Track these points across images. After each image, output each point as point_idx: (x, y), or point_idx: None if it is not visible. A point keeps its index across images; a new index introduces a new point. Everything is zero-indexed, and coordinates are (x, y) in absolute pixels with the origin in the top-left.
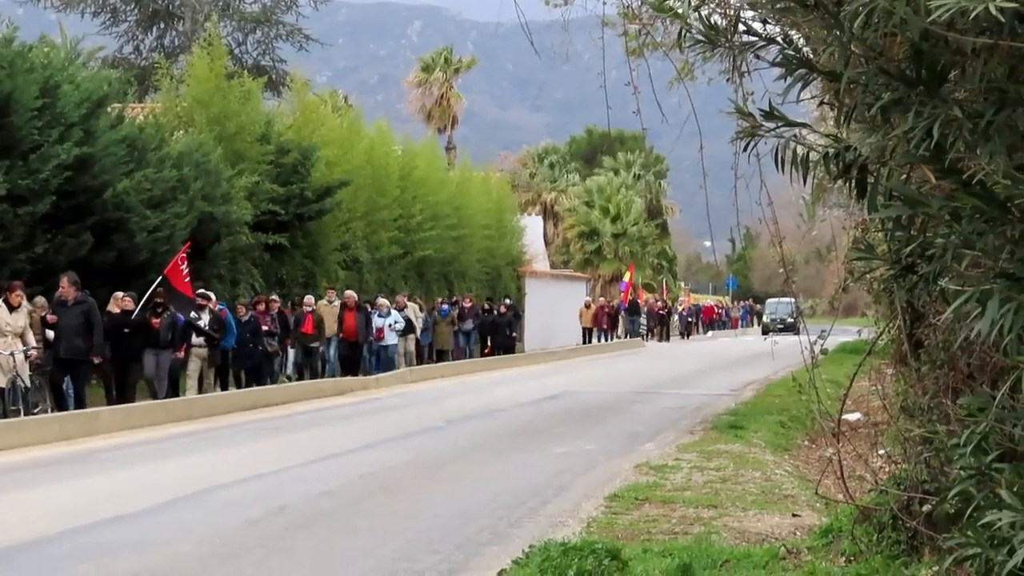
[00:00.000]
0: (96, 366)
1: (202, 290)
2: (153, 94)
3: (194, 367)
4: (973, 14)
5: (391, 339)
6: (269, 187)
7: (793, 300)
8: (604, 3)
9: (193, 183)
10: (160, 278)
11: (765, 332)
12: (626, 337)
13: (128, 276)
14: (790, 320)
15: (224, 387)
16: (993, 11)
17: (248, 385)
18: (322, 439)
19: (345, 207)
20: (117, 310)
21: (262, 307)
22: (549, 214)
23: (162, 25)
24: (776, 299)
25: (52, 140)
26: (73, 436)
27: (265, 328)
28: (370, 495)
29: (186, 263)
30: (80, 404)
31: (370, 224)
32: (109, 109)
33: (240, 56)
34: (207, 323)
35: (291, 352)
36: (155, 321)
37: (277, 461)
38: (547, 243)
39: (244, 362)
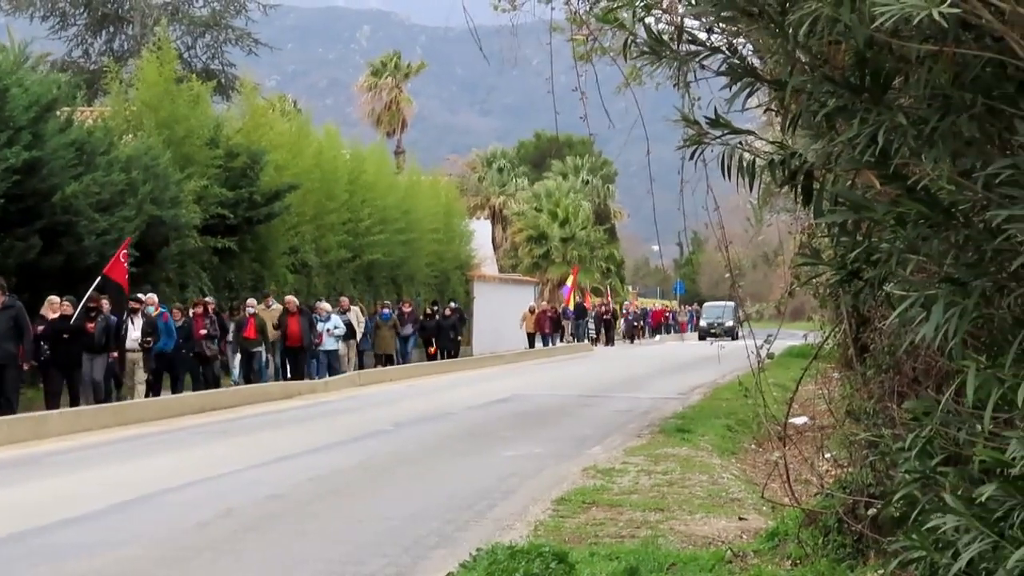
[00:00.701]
0: (38, 371)
1: (138, 294)
2: (102, 98)
3: (129, 371)
4: (916, 21)
5: (330, 344)
6: (218, 191)
7: (732, 304)
8: (552, 8)
9: (142, 187)
10: (100, 277)
11: (702, 337)
12: (573, 341)
13: (76, 280)
14: (729, 324)
15: (157, 392)
16: (936, 17)
17: (182, 390)
18: (271, 442)
19: (294, 211)
20: (52, 315)
21: (199, 310)
22: (498, 218)
23: (111, 29)
24: (713, 303)
25: (0, 144)
26: (23, 439)
27: (204, 332)
28: (319, 498)
29: (127, 259)
30: (10, 409)
31: (319, 228)
32: (58, 113)
33: (189, 60)
34: (140, 326)
35: (231, 355)
36: (90, 325)
37: (226, 464)
38: (496, 247)
39: (178, 366)
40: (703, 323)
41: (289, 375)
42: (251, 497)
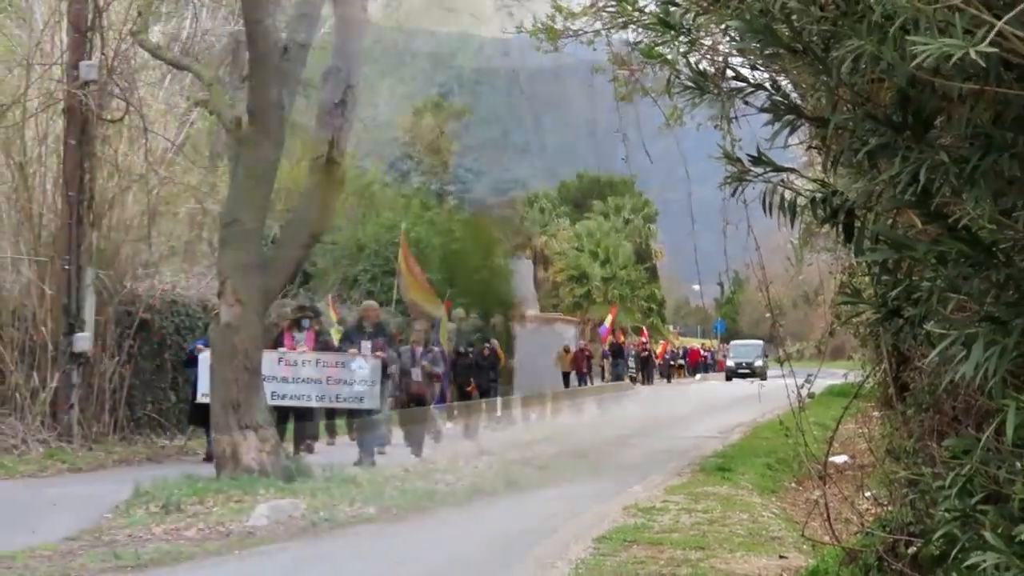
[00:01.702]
0: None
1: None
2: None
3: None
4: (956, 59)
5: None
6: None
7: (760, 342)
8: (594, 50)
9: None
10: None
11: (729, 377)
12: (611, 380)
13: None
14: (758, 364)
15: None
16: (974, 56)
17: None
18: None
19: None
20: None
21: None
22: (539, 258)
23: None
24: (741, 341)
25: None
26: None
27: None
28: (357, 536)
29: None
30: None
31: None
32: None
33: None
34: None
35: None
36: None
37: None
38: (537, 287)
39: None
40: (730, 363)
41: None
42: None
